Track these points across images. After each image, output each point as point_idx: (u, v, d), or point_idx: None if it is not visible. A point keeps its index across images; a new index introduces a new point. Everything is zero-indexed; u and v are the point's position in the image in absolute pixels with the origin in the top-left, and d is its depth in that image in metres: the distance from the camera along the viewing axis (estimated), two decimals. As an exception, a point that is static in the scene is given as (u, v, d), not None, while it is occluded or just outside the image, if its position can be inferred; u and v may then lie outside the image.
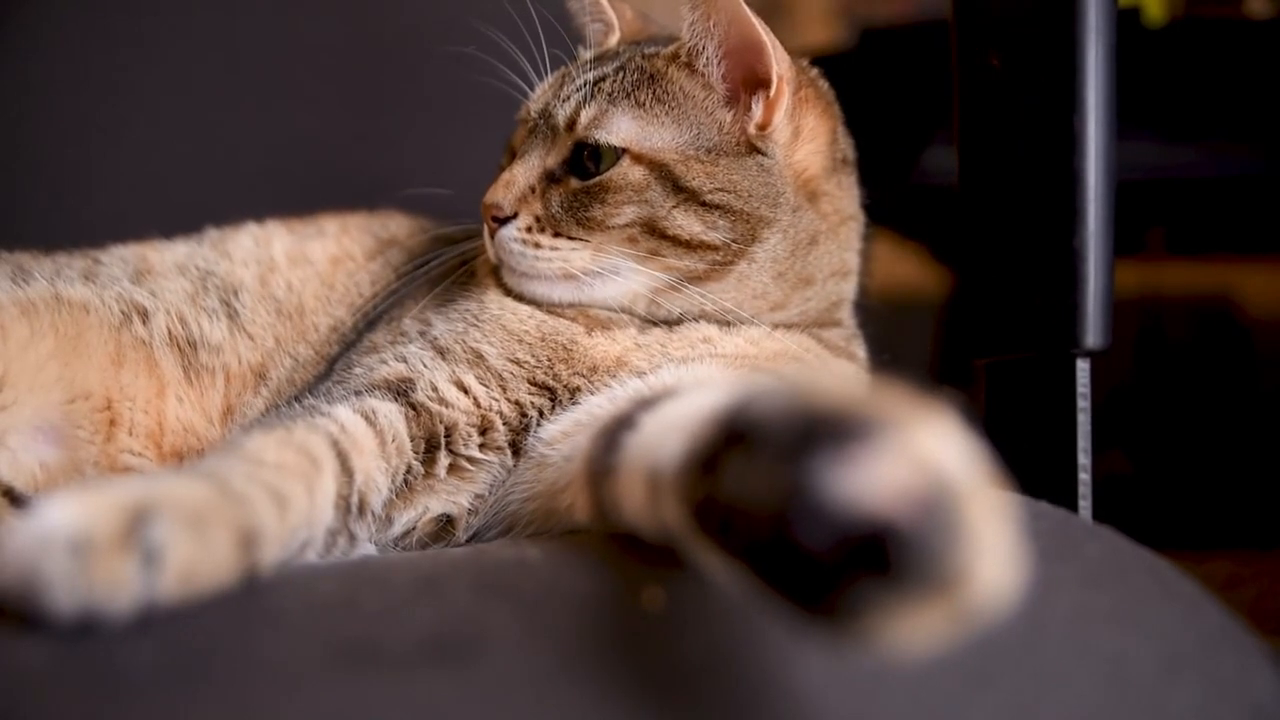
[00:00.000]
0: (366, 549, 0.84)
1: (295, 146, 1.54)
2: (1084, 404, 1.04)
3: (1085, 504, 1.04)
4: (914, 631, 0.46)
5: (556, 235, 0.96)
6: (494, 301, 0.99)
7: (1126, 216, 1.05)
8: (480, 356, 0.94)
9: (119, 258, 1.12)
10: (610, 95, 0.98)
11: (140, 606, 0.56)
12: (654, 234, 0.95)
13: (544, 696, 0.58)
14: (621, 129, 0.96)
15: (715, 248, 0.96)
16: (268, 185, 1.50)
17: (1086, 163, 1.02)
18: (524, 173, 0.99)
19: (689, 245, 0.95)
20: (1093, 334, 1.03)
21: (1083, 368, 1.04)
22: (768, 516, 0.49)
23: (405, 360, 0.93)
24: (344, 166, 1.55)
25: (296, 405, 0.89)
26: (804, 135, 1.00)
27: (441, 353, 0.94)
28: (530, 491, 0.90)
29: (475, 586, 0.67)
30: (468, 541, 0.91)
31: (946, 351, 2.22)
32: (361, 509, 0.82)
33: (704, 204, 0.95)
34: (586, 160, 0.97)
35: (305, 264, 1.13)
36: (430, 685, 0.57)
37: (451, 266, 1.06)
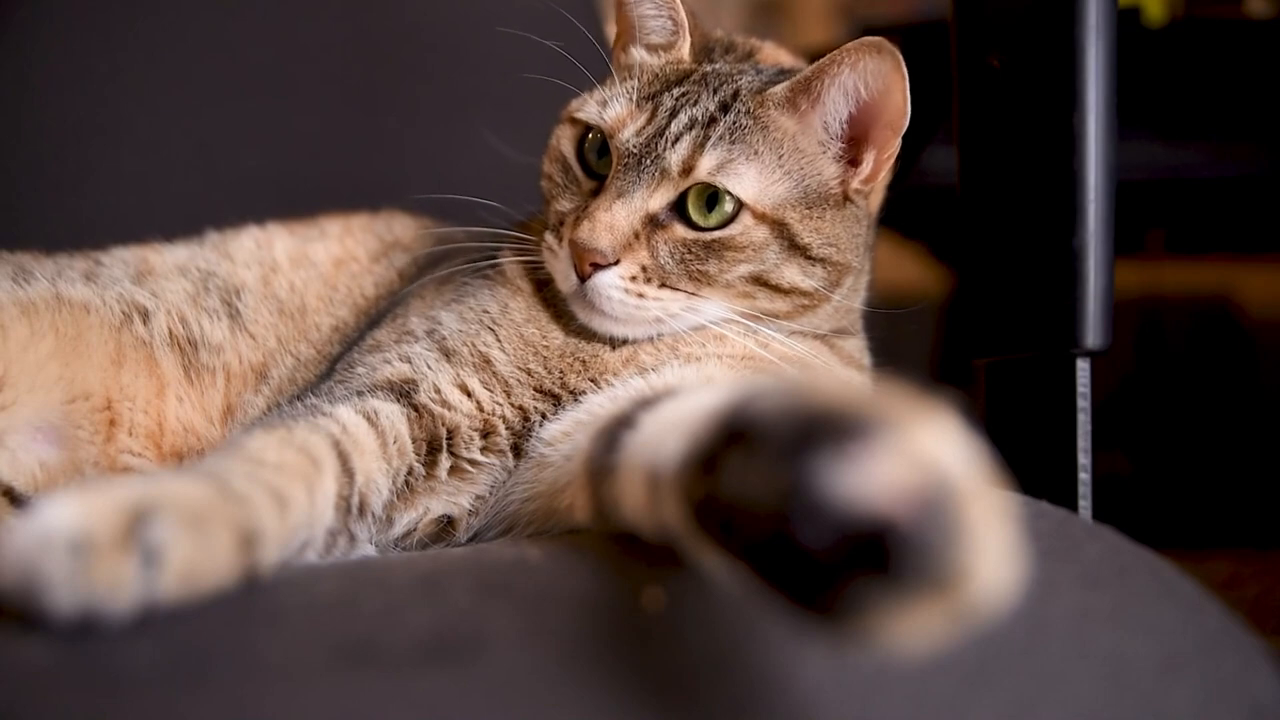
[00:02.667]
0: (366, 549, 0.84)
1: (295, 147, 1.54)
2: (1084, 404, 1.04)
3: (1085, 504, 1.04)
4: (913, 630, 0.46)
5: (662, 286, 0.92)
6: (520, 310, 0.97)
7: (1126, 216, 1.05)
8: (488, 361, 0.93)
9: (120, 259, 1.12)
10: (730, 142, 0.92)
11: (140, 606, 0.56)
12: (755, 283, 0.93)
13: (544, 696, 0.58)
14: (745, 182, 0.91)
15: (806, 294, 0.95)
16: (268, 186, 1.50)
17: (1086, 163, 1.02)
18: (626, 215, 0.91)
19: (784, 292, 0.94)
20: (1093, 334, 1.03)
21: (1083, 368, 1.04)
22: (768, 515, 0.49)
23: (409, 360, 0.93)
24: (344, 167, 1.55)
25: (299, 404, 0.89)
26: (879, 180, 0.99)
27: (447, 354, 0.94)
28: (530, 491, 0.90)
29: (475, 587, 0.67)
30: (468, 542, 0.91)
31: (946, 351, 2.23)
32: (362, 509, 0.82)
33: (810, 257, 0.93)
34: (695, 208, 0.92)
35: (308, 265, 1.13)
36: (430, 685, 0.57)
37: (461, 270, 1.06)
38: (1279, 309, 2.57)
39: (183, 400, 1.03)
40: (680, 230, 0.92)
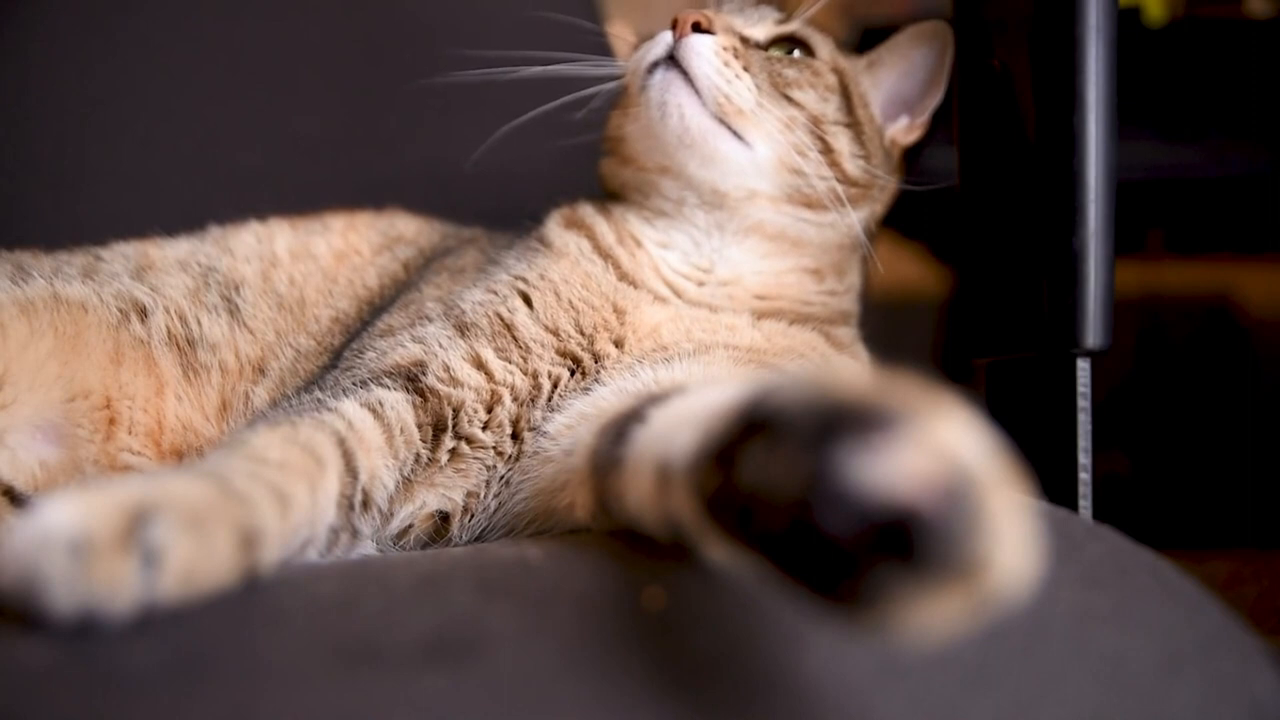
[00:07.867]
0: (368, 546, 0.84)
1: (296, 146, 1.54)
2: (1084, 404, 1.04)
3: (1085, 504, 1.04)
4: (934, 617, 0.46)
5: (745, 70, 1.00)
6: (561, 271, 1.00)
7: (1126, 216, 1.05)
8: (510, 327, 0.95)
9: (120, 254, 1.12)
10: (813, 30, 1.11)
11: (140, 607, 0.56)
12: (811, 132, 1.02)
13: (545, 696, 0.58)
14: (824, 45, 1.10)
15: (843, 179, 1.04)
16: (269, 185, 1.50)
17: (1086, 163, 1.02)
18: (725, 18, 1.05)
19: (830, 159, 1.04)
20: (1093, 334, 1.03)
21: (1083, 368, 1.04)
22: (788, 505, 0.50)
23: (422, 342, 0.94)
24: (344, 166, 1.55)
25: (304, 398, 0.89)
26: (910, 139, 1.17)
27: (463, 329, 0.95)
28: (533, 489, 0.90)
29: (475, 587, 0.67)
30: (469, 544, 0.91)
31: (947, 351, 2.23)
32: (366, 505, 0.82)
33: (859, 138, 1.06)
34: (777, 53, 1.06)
35: (309, 259, 1.14)
36: (430, 685, 0.57)
37: (474, 261, 1.07)
38: (1279, 309, 2.57)
39: (181, 399, 1.03)
40: (772, 53, 1.06)
